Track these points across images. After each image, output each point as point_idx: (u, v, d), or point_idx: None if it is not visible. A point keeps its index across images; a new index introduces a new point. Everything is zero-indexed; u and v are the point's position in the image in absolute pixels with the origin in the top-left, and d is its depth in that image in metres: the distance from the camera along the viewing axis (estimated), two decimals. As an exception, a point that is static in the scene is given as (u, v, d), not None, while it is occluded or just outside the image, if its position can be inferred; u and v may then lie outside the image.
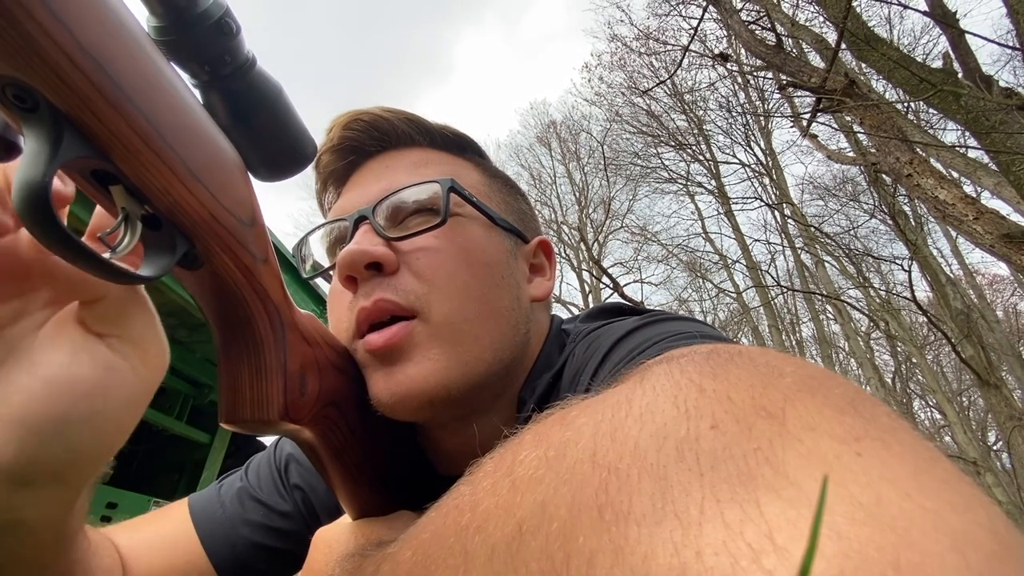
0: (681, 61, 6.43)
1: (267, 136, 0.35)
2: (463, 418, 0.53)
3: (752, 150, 13.19)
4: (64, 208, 0.31)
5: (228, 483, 0.68)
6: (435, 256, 0.51)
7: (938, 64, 4.39)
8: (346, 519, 0.53)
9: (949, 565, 0.16)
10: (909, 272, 4.41)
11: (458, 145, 0.62)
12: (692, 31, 6.08)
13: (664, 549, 0.18)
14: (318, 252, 0.60)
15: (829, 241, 11.11)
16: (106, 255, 0.28)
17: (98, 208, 0.34)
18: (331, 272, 0.58)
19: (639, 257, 15.43)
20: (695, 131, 13.54)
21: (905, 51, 5.34)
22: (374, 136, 0.59)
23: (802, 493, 0.18)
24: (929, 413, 13.76)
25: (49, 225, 0.25)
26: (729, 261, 13.90)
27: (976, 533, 0.17)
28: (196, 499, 0.66)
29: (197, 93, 0.33)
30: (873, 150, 4.56)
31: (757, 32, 5.03)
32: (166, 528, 0.62)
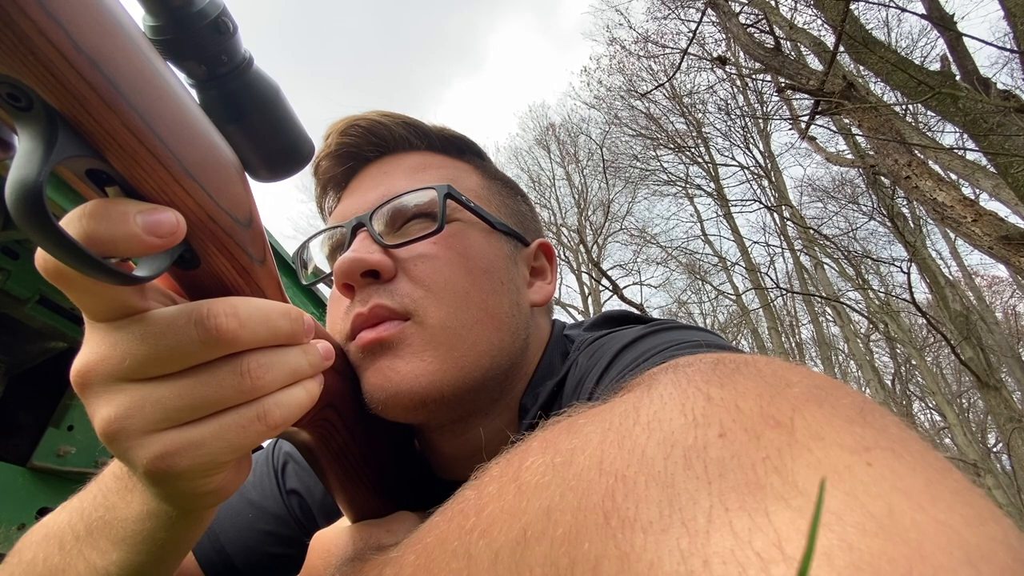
0: (680, 64, 6.44)
1: (264, 136, 0.34)
2: (459, 420, 0.52)
3: (751, 152, 13.23)
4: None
5: None
6: (432, 263, 0.50)
7: (936, 67, 4.40)
8: (344, 522, 0.52)
9: None
10: (908, 274, 4.41)
11: (457, 147, 0.62)
12: (691, 34, 6.10)
13: (671, 557, 0.18)
14: (319, 257, 0.60)
15: (828, 243, 11.14)
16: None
17: None
18: (331, 278, 0.57)
19: (638, 259, 15.46)
20: (694, 134, 13.55)
21: (903, 54, 5.35)
22: (371, 141, 0.59)
23: (812, 503, 0.18)
24: (929, 415, 13.76)
25: (44, 225, 0.24)
26: (728, 263, 13.93)
27: (990, 547, 0.16)
28: None
29: (194, 92, 0.32)
30: (872, 152, 4.57)
31: (755, 35, 5.05)
32: None
